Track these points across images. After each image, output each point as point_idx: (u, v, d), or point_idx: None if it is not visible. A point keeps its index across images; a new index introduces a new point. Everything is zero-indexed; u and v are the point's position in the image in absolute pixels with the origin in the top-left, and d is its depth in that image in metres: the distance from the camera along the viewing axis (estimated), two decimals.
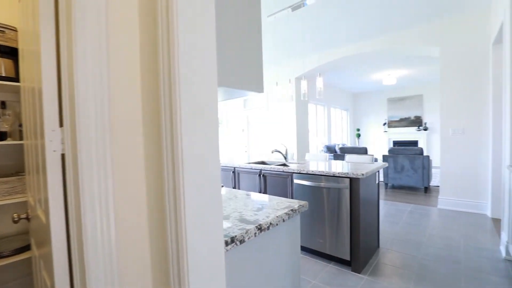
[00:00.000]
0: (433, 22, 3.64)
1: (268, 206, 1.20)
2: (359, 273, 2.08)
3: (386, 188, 5.09)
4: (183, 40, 0.56)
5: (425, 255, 2.35)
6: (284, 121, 5.71)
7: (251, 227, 0.93)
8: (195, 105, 0.60)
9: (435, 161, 6.99)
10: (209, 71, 0.63)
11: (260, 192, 2.79)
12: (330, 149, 6.73)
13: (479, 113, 3.33)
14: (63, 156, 0.70)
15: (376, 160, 5.13)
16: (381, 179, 5.37)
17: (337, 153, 6.21)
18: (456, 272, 2.06)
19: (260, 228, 0.95)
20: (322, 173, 2.26)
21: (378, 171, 2.50)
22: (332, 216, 2.22)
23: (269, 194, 2.72)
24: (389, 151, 5.05)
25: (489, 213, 3.25)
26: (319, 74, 3.23)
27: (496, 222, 3.04)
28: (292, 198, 2.51)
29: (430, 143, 7.99)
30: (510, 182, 2.13)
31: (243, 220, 1.00)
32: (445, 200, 3.63)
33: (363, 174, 2.06)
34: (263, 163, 3.35)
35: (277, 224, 1.03)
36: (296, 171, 2.45)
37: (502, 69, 2.42)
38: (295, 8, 3.74)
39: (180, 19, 0.56)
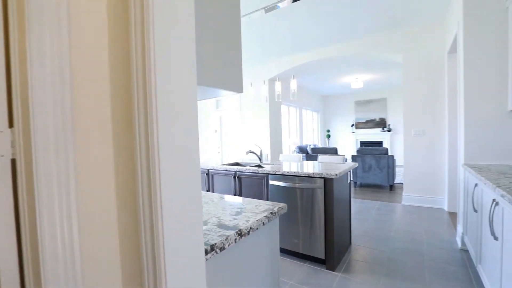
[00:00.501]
0: (397, 30, 3.89)
1: (247, 209, 1.17)
2: (333, 270, 2.13)
3: (355, 186, 5.33)
4: (159, 36, 0.51)
5: (393, 249, 2.48)
6: (258, 122, 5.72)
7: (231, 232, 0.89)
8: (173, 105, 0.55)
9: (398, 160, 7.48)
10: (188, 68, 0.58)
11: (235, 194, 2.74)
12: (302, 150, 6.88)
13: (437, 116, 3.62)
14: (13, 161, 0.60)
15: (345, 160, 5.34)
16: (351, 177, 5.61)
17: (309, 153, 6.37)
18: (421, 264, 2.20)
19: (240, 234, 0.91)
20: (297, 174, 2.29)
21: (350, 171, 2.59)
22: (307, 216, 2.25)
23: (244, 196, 2.68)
24: (358, 151, 5.29)
25: (446, 207, 3.54)
26: (293, 76, 3.28)
27: (452, 215, 3.32)
28: (267, 199, 2.51)
29: (393, 143, 8.55)
30: (465, 179, 2.34)
31: (222, 226, 0.96)
32: (408, 197, 3.89)
33: (336, 174, 2.12)
34: (237, 164, 3.30)
35: (257, 228, 1.01)
36: (271, 172, 2.45)
37: (457, 76, 2.66)
38: (268, 10, 3.76)
39: (156, 13, 0.51)
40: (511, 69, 2.09)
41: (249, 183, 2.65)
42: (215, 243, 0.81)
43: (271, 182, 2.46)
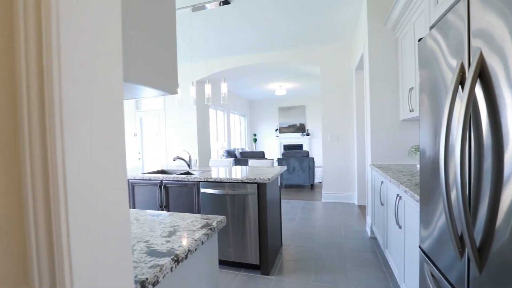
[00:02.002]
0: (316, 45, 4.32)
1: (182, 227, 1.02)
2: (268, 275, 2.14)
3: (281, 187, 5.63)
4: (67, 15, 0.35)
5: (319, 245, 2.68)
6: (184, 126, 5.40)
7: (166, 260, 0.74)
8: (89, 105, 0.39)
9: (316, 161, 8.35)
10: (111, 57, 0.43)
11: (161, 206, 2.47)
12: (230, 154, 6.88)
13: (348, 123, 4.18)
14: None
15: (273, 163, 5.60)
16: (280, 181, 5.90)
17: (238, 157, 6.41)
18: (342, 255, 2.44)
19: (177, 260, 0.77)
20: (231, 180, 2.22)
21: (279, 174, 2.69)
22: (239, 222, 2.21)
23: (172, 207, 2.44)
24: (283, 154, 5.62)
25: (356, 202, 4.11)
26: (224, 79, 3.21)
27: (362, 208, 3.87)
28: (199, 209, 2.34)
29: (311, 146, 9.51)
30: (372, 177, 2.74)
31: (153, 253, 0.79)
32: (326, 194, 4.35)
33: (269, 179, 2.14)
34: (163, 172, 3.00)
35: (195, 250, 0.88)
36: (203, 180, 2.30)
37: (364, 90, 3.11)
38: (195, 9, 3.59)
39: None
40: (401, 88, 2.57)
41: (177, 193, 2.42)
42: (147, 278, 0.65)
43: (202, 190, 2.32)
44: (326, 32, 3.85)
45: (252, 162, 3.43)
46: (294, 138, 9.70)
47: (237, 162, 5.84)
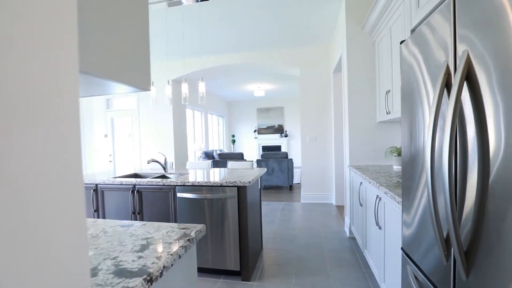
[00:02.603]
0: (295, 47, 4.34)
1: (156, 239, 0.92)
2: (248, 280, 2.07)
3: (260, 190, 5.59)
4: None
5: (299, 247, 2.66)
6: (159, 126, 5.17)
7: (137, 281, 0.64)
8: (27, 100, 0.30)
9: (295, 162, 8.43)
10: (63, 41, 0.34)
11: (134, 213, 2.30)
12: (208, 155, 6.71)
13: (327, 124, 4.24)
14: None
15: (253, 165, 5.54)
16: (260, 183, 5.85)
17: (216, 159, 6.27)
18: (322, 256, 2.44)
19: (150, 280, 0.67)
20: (209, 184, 2.12)
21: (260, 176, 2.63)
22: (220, 228, 2.12)
23: (146, 214, 2.29)
24: (262, 155, 5.58)
25: (334, 202, 4.17)
26: (202, 78, 3.09)
27: (340, 208, 3.93)
28: (175, 215, 2.22)
29: (290, 147, 9.60)
30: (350, 178, 2.77)
31: (122, 272, 0.69)
32: (305, 195, 4.37)
33: (249, 182, 2.08)
34: (136, 175, 2.82)
35: (172, 265, 0.79)
36: (179, 184, 2.18)
37: (342, 93, 3.16)
38: (171, 4, 3.45)
39: None
40: (378, 90, 2.63)
41: (152, 198, 2.27)
42: None
43: (179, 194, 2.19)
44: (305, 33, 3.88)
45: (231, 164, 3.34)
46: (272, 139, 9.73)
47: (216, 164, 5.71)
